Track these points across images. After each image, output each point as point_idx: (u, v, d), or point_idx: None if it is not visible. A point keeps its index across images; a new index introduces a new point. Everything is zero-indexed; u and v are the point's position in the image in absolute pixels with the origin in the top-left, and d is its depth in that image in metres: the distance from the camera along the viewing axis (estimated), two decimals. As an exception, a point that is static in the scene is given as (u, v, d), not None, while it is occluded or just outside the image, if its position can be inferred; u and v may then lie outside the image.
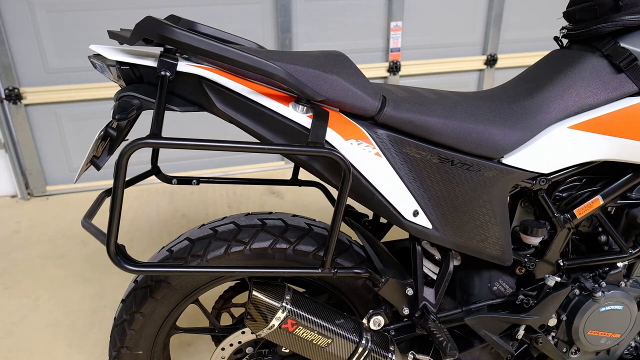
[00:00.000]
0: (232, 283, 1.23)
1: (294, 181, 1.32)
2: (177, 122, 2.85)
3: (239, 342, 1.14)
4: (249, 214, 1.11)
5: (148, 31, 0.74)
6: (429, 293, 1.04)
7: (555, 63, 1.06)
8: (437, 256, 1.10)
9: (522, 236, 1.09)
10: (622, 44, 0.99)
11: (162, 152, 2.92)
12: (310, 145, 0.79)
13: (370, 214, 1.30)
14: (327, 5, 3.02)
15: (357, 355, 0.99)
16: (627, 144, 1.00)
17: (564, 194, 1.10)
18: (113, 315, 1.84)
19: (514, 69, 3.64)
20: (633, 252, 1.15)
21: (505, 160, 0.96)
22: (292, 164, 1.26)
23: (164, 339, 1.15)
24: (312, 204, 2.68)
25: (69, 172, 2.95)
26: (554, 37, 1.16)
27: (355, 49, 3.16)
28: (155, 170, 1.20)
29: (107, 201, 0.88)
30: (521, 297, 1.11)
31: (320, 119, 0.85)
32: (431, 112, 0.91)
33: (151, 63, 0.81)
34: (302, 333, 0.97)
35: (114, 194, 0.76)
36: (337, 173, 0.89)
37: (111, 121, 0.85)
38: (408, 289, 1.02)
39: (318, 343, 0.98)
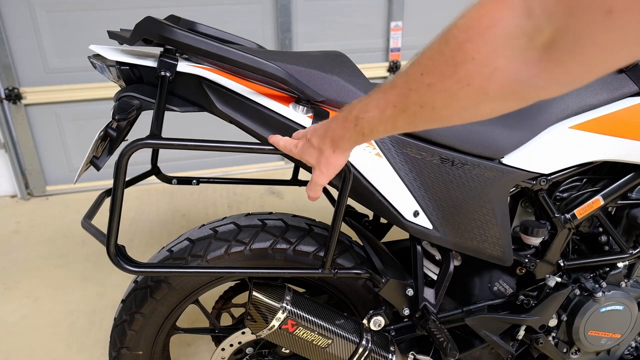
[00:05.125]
0: (232, 283, 1.23)
1: (294, 181, 1.32)
2: (177, 122, 2.85)
3: (239, 343, 1.14)
4: (249, 214, 1.11)
5: (148, 31, 0.74)
6: (429, 293, 1.04)
7: (555, 63, 1.06)
8: (438, 256, 1.09)
9: (523, 236, 1.09)
10: (622, 44, 0.98)
11: (162, 152, 2.91)
12: (310, 146, 0.79)
13: (370, 214, 1.30)
14: (327, 5, 3.02)
15: (357, 355, 0.99)
16: (627, 144, 1.00)
17: (564, 194, 1.10)
18: (113, 315, 1.83)
19: (514, 69, 3.64)
20: (633, 252, 1.14)
21: (505, 161, 0.96)
22: (292, 164, 1.26)
23: (164, 340, 1.15)
24: (312, 204, 2.67)
25: (69, 172, 2.95)
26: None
27: (355, 49, 3.15)
28: (155, 171, 1.20)
29: (107, 201, 0.88)
30: (521, 297, 1.11)
31: (321, 119, 0.85)
32: (431, 112, 0.91)
33: (151, 63, 0.81)
34: (303, 334, 0.96)
35: (114, 194, 0.76)
36: (338, 173, 0.89)
37: (111, 121, 0.85)
38: (408, 289, 1.02)
39: (318, 344, 0.98)
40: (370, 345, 1.00)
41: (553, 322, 1.15)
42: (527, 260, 1.10)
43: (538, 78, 0.45)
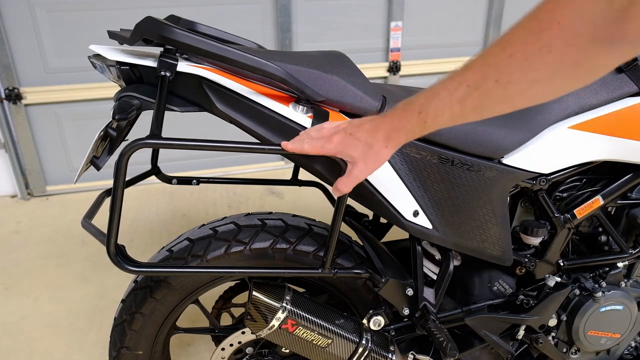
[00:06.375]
0: (232, 283, 1.23)
1: (294, 181, 1.32)
2: (177, 122, 2.85)
3: (239, 342, 1.14)
4: (249, 214, 1.11)
5: (148, 31, 0.74)
6: (429, 293, 1.04)
7: (555, 63, 1.06)
8: (437, 256, 1.09)
9: (522, 236, 1.09)
10: (622, 44, 0.98)
11: (162, 152, 2.91)
12: (310, 146, 0.79)
13: (370, 214, 1.30)
14: (327, 5, 3.02)
15: (357, 355, 0.99)
16: (627, 144, 1.00)
17: (564, 194, 1.10)
18: (113, 315, 1.83)
19: (514, 69, 3.63)
20: (633, 252, 1.14)
21: (505, 161, 0.96)
22: (292, 164, 1.26)
23: (164, 339, 1.15)
24: (312, 204, 2.67)
25: (69, 172, 2.95)
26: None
27: (355, 49, 3.15)
28: (155, 171, 1.20)
29: (107, 201, 0.88)
30: (521, 297, 1.11)
31: (321, 119, 0.85)
32: (431, 112, 0.91)
33: (151, 63, 0.81)
34: (302, 333, 0.97)
35: (114, 194, 0.76)
36: (337, 173, 0.89)
37: (111, 121, 0.85)
38: (408, 289, 1.02)
39: (318, 343, 0.98)
40: (370, 345, 1.00)
41: (553, 322, 1.15)
42: (527, 260, 1.10)
43: (612, 38, 0.50)
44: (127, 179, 0.83)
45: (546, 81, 0.56)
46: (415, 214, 0.95)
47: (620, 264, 1.18)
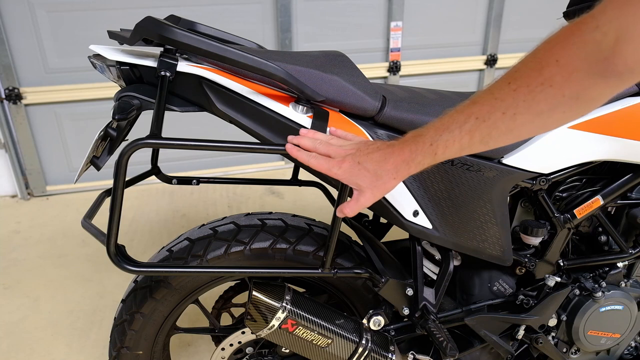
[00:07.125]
0: (232, 283, 1.23)
1: (294, 181, 1.32)
2: (177, 122, 2.85)
3: (239, 342, 1.14)
4: (249, 214, 1.11)
5: (148, 31, 0.74)
6: (429, 293, 1.04)
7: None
8: (437, 256, 1.09)
9: (522, 236, 1.09)
10: (622, 44, 0.98)
11: (162, 152, 2.90)
12: (310, 146, 0.79)
13: (370, 214, 1.30)
14: (327, 5, 3.02)
15: (357, 355, 0.99)
16: (627, 144, 1.00)
17: (564, 194, 1.10)
18: (113, 315, 1.84)
19: (514, 69, 3.63)
20: (633, 252, 1.14)
21: (505, 161, 0.96)
22: (292, 164, 1.26)
23: (164, 339, 1.15)
24: (312, 204, 2.68)
25: (69, 172, 2.95)
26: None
27: (355, 49, 3.15)
28: (155, 170, 1.20)
29: (107, 201, 0.89)
30: (521, 297, 1.11)
31: (321, 119, 0.85)
32: (431, 112, 0.91)
33: (151, 63, 0.81)
34: (302, 333, 0.97)
35: (114, 194, 0.76)
36: (337, 173, 0.89)
37: (111, 121, 0.85)
38: (408, 289, 1.02)
39: (318, 343, 0.98)
40: (370, 344, 1.00)
41: (553, 322, 1.15)
42: (526, 260, 1.10)
43: (605, 72, 0.55)
44: (127, 179, 0.83)
45: (549, 112, 0.61)
46: (415, 213, 0.95)
47: (620, 264, 1.18)
